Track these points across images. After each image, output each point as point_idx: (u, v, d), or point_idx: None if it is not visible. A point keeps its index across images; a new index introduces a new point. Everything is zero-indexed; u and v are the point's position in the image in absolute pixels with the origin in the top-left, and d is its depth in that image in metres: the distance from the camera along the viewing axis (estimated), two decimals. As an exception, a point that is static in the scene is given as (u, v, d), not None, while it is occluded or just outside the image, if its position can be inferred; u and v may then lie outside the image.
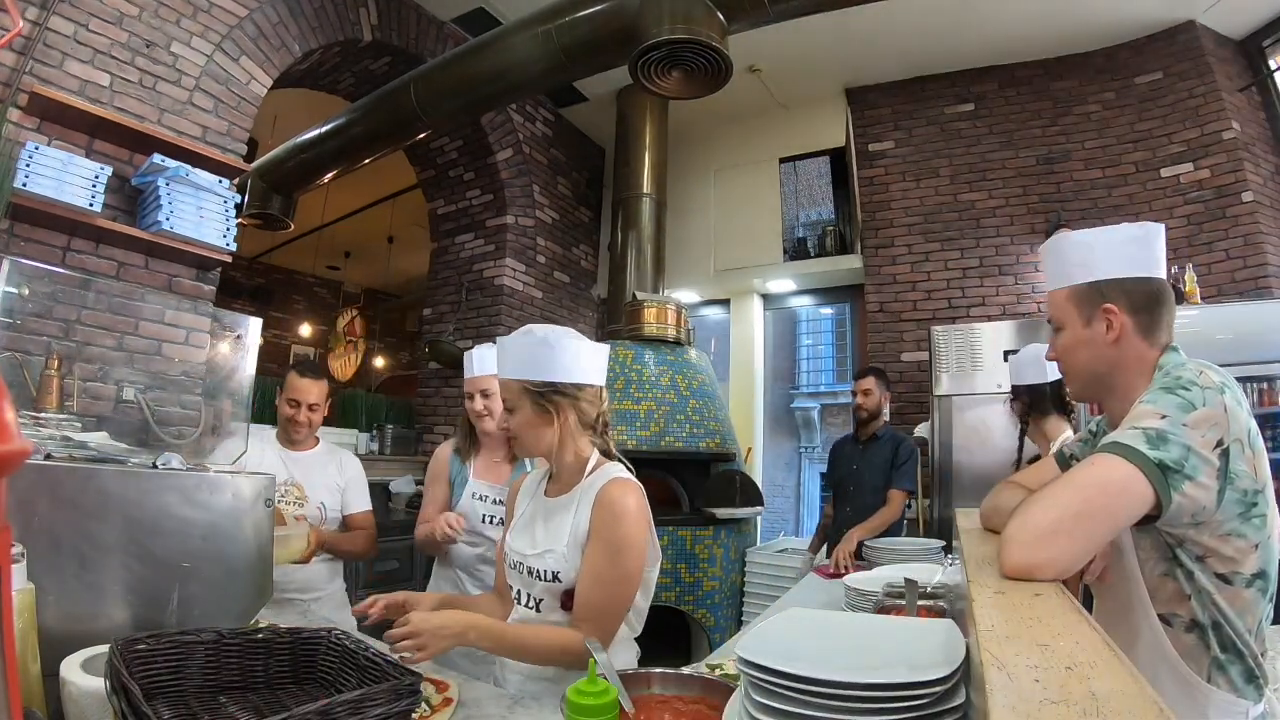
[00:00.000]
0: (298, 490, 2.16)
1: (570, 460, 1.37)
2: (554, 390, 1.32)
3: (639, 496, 1.30)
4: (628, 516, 1.26)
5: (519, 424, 1.34)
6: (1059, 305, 1.08)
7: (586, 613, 1.25)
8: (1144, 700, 0.46)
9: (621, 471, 1.35)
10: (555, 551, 1.31)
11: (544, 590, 1.32)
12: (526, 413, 1.33)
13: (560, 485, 1.40)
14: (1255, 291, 3.51)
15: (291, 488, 2.15)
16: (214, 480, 1.23)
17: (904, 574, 1.46)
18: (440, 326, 5.01)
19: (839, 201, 5.10)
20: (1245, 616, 0.93)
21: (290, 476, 2.16)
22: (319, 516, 2.15)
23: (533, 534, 1.38)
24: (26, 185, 2.27)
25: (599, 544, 1.26)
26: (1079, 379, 1.10)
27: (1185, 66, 3.91)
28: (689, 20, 2.59)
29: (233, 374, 2.02)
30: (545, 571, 1.31)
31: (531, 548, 1.36)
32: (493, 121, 4.69)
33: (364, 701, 0.78)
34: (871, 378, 3.17)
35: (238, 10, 3.10)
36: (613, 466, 1.37)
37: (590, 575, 1.26)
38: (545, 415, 1.33)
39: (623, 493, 1.28)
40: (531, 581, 1.34)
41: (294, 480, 2.17)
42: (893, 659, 0.73)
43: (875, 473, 3.05)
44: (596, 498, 1.29)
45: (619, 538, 1.25)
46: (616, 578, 1.26)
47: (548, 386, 1.32)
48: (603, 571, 1.25)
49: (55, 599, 1.01)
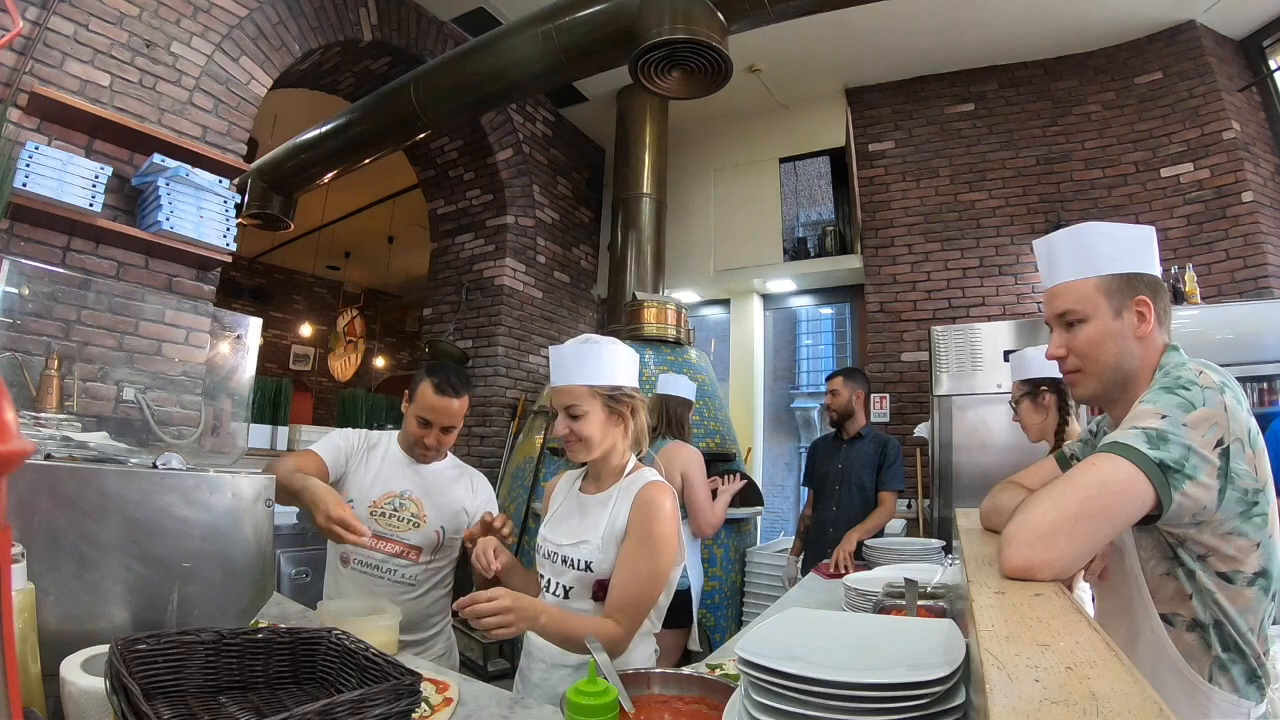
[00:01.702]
0: (415, 505, 1.82)
1: (615, 462, 1.45)
2: (623, 393, 1.42)
3: (674, 500, 1.38)
4: (664, 516, 1.34)
5: (591, 427, 1.38)
6: (1085, 295, 1.02)
7: (621, 604, 1.31)
8: (1144, 700, 0.46)
9: (656, 476, 1.43)
10: (590, 543, 1.37)
11: (575, 579, 1.38)
12: (599, 415, 1.39)
13: (598, 485, 1.47)
14: (1255, 291, 3.51)
15: (409, 502, 1.82)
16: (214, 480, 1.23)
17: (904, 574, 1.46)
18: (440, 326, 5.01)
19: (839, 201, 5.10)
20: (1247, 616, 0.93)
21: (409, 489, 1.83)
22: (435, 541, 1.82)
23: (569, 527, 1.45)
24: (26, 185, 2.27)
25: (637, 540, 1.33)
26: (1101, 375, 1.03)
27: (1185, 66, 3.91)
28: (689, 20, 2.58)
29: (233, 374, 2.02)
30: (579, 561, 1.37)
31: (567, 538, 1.42)
32: (493, 121, 4.69)
33: (364, 701, 0.78)
34: (839, 378, 3.13)
35: (238, 10, 3.10)
36: (648, 471, 1.45)
37: (628, 569, 1.33)
38: (616, 416, 1.41)
39: (661, 495, 1.36)
40: (563, 570, 1.40)
41: (413, 495, 1.83)
42: (893, 659, 0.73)
43: (860, 471, 3.01)
44: (636, 497, 1.36)
45: (657, 535, 1.32)
46: (651, 573, 1.33)
47: (616, 389, 1.41)
48: (639, 566, 1.32)
49: (55, 599, 1.01)
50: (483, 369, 4.72)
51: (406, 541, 1.79)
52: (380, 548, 1.77)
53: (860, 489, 2.99)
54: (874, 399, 4.43)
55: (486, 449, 4.62)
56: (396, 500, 1.80)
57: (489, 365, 4.68)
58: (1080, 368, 1.05)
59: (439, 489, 1.86)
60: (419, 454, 1.85)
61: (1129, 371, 1.02)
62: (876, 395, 4.43)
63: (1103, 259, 1.02)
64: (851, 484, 3.02)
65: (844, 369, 3.25)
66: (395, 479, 1.82)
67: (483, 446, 4.64)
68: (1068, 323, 1.05)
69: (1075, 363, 1.05)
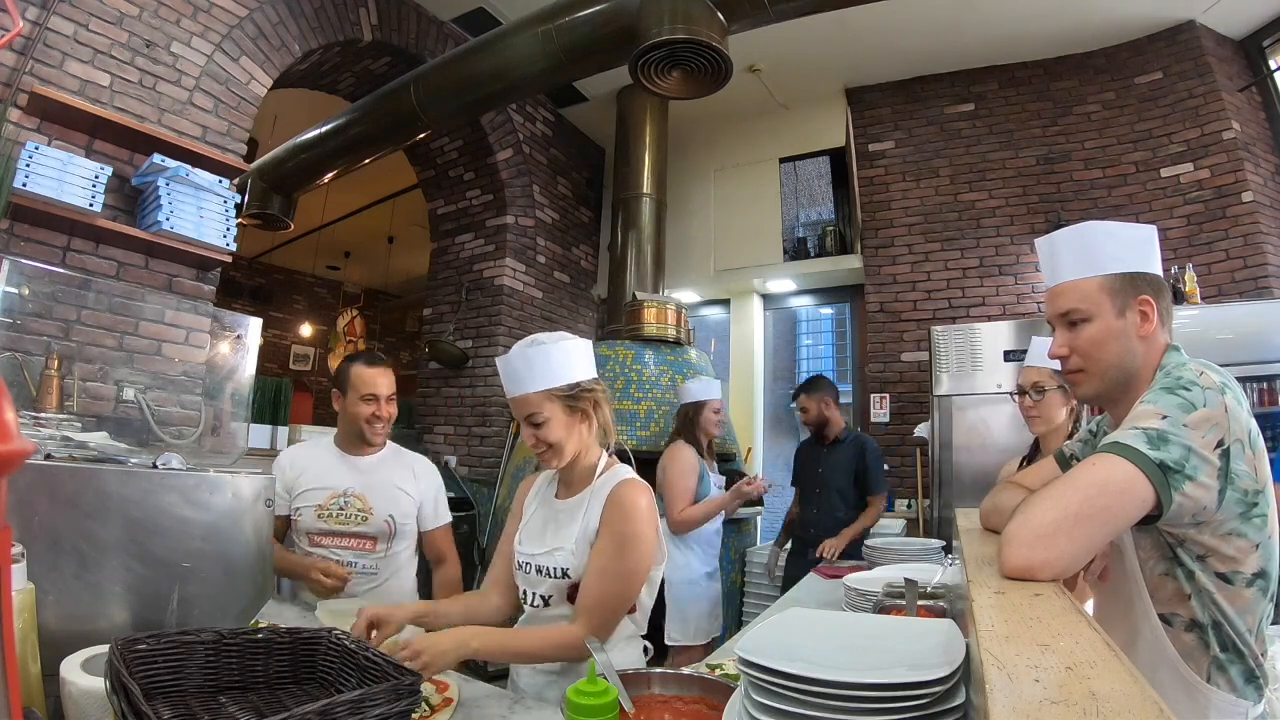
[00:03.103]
0: (360, 500, 1.88)
1: (586, 463, 1.40)
2: (580, 389, 1.36)
3: (650, 497, 1.34)
4: (639, 514, 1.29)
5: (556, 431, 1.34)
6: (1088, 295, 1.02)
7: (587, 604, 1.27)
8: (1144, 700, 0.46)
9: (631, 474, 1.38)
10: (564, 549, 1.33)
11: (552, 587, 1.35)
12: (560, 417, 1.34)
13: (570, 489, 1.43)
14: (1255, 291, 3.51)
15: (353, 498, 1.87)
16: (214, 480, 1.23)
17: (904, 574, 1.46)
18: (440, 326, 5.01)
19: (839, 201, 5.10)
20: (1245, 616, 0.93)
21: (351, 486, 1.89)
22: (387, 530, 1.89)
23: (542, 537, 1.40)
24: (26, 185, 2.27)
25: (607, 538, 1.29)
26: (1104, 375, 1.03)
27: (1185, 66, 3.90)
28: (689, 20, 2.58)
29: (233, 374, 2.02)
30: (554, 569, 1.33)
31: (540, 547, 1.38)
32: (493, 121, 4.69)
33: (364, 701, 0.78)
34: (803, 395, 3.27)
35: (238, 10, 3.10)
36: (622, 469, 1.40)
37: (596, 568, 1.28)
38: (579, 414, 1.36)
39: (635, 492, 1.32)
40: (539, 580, 1.36)
41: (355, 490, 1.89)
42: (893, 659, 0.73)
43: (839, 475, 3.15)
44: (609, 496, 1.32)
45: (628, 533, 1.28)
46: (622, 571, 1.28)
47: (573, 386, 1.35)
48: (608, 565, 1.27)
49: (55, 599, 1.01)
50: (483, 369, 4.72)
51: (359, 533, 1.87)
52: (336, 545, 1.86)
53: (840, 493, 3.14)
54: (874, 399, 4.44)
55: (486, 449, 4.62)
56: (341, 499, 1.87)
57: (489, 365, 4.67)
58: (1083, 367, 1.04)
59: (380, 479, 1.93)
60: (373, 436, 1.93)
61: (1131, 371, 1.02)
62: (876, 395, 4.43)
63: (1105, 258, 1.02)
64: (831, 488, 3.15)
65: (803, 384, 3.34)
66: (336, 478, 1.89)
67: (483, 446, 4.64)
68: (1070, 322, 1.04)
69: (1078, 362, 1.05)
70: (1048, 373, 1.94)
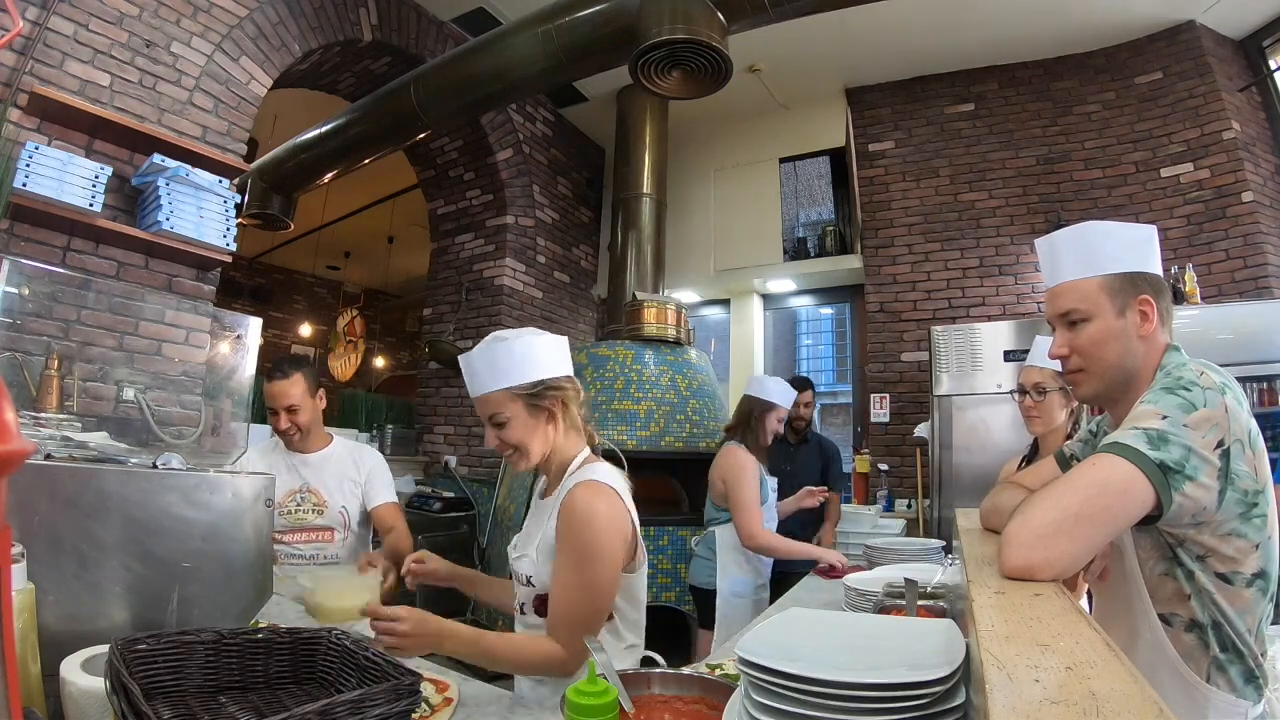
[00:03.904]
0: (314, 495, 1.98)
1: (559, 461, 1.32)
2: (545, 386, 1.28)
3: (609, 500, 1.22)
4: (594, 523, 1.18)
5: (518, 432, 1.27)
6: (1088, 295, 1.02)
7: (556, 621, 1.20)
8: (1144, 700, 0.46)
9: (598, 472, 1.26)
10: (528, 556, 1.28)
11: (525, 594, 1.30)
12: (522, 417, 1.27)
13: (549, 488, 1.37)
14: (1255, 291, 3.52)
15: (308, 494, 1.98)
16: (214, 480, 1.23)
17: (904, 574, 1.46)
18: (440, 326, 5.01)
19: (839, 201, 5.10)
20: (1245, 616, 0.93)
21: (304, 483, 2.00)
22: (342, 521, 2.00)
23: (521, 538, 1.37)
24: (26, 185, 2.27)
25: (565, 550, 1.20)
26: (1105, 375, 1.02)
27: (1185, 66, 3.91)
28: (689, 20, 2.58)
29: (233, 374, 2.02)
30: (522, 575, 1.29)
31: (516, 551, 1.34)
32: (493, 121, 4.69)
33: (364, 701, 0.78)
34: (809, 391, 3.37)
35: (238, 10, 3.10)
36: (591, 468, 1.29)
37: (559, 582, 1.21)
38: (542, 414, 1.28)
39: (590, 496, 1.20)
40: (516, 585, 1.34)
41: (309, 486, 2.00)
42: (893, 659, 0.73)
43: (807, 474, 3.23)
44: (563, 501, 1.22)
45: (583, 545, 1.18)
46: (582, 585, 1.18)
47: (537, 385, 1.27)
48: (569, 579, 1.19)
49: (55, 599, 1.01)
50: (483, 369, 4.71)
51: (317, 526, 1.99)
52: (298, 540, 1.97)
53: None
54: (874, 399, 4.44)
55: (486, 449, 4.62)
56: (298, 496, 1.99)
57: (489, 365, 4.67)
58: (1083, 367, 1.04)
59: (328, 473, 2.04)
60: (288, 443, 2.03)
61: (1131, 371, 1.02)
62: (876, 395, 4.43)
63: (1106, 258, 1.02)
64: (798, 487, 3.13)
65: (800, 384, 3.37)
66: (290, 477, 2.00)
67: (482, 446, 4.64)
68: (1071, 322, 1.04)
69: (1078, 362, 1.05)
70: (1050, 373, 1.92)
